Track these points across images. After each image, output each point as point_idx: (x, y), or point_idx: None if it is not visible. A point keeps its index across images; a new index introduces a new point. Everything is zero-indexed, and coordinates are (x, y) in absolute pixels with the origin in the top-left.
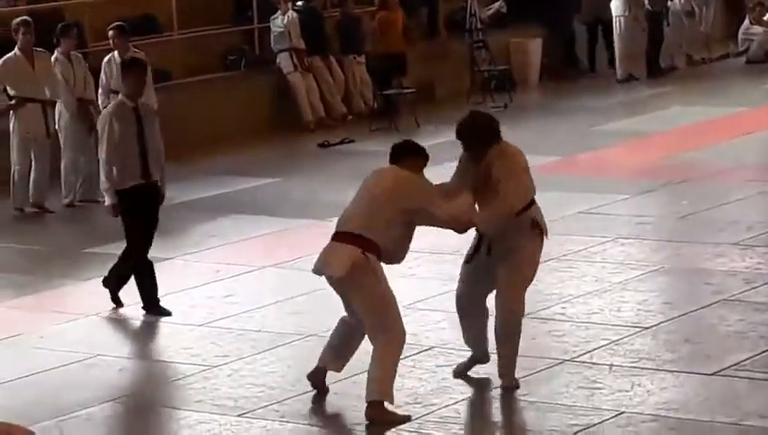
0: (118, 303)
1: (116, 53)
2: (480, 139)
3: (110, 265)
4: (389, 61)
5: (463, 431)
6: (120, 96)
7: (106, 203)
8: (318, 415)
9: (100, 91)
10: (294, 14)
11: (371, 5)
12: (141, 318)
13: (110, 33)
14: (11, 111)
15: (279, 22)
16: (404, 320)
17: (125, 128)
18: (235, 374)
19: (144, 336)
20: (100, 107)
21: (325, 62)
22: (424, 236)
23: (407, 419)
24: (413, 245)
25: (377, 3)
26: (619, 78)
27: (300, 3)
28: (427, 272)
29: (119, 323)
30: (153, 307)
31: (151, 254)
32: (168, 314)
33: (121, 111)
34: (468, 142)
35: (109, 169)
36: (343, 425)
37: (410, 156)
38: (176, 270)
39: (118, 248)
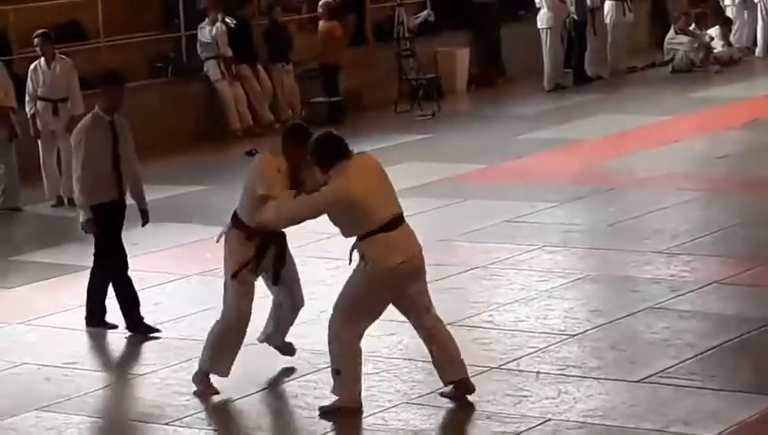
0: (109, 325)
1: (42, 59)
2: (325, 156)
3: (34, 272)
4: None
5: None
6: (96, 109)
7: (81, 219)
8: (242, 423)
9: (27, 98)
10: (222, 25)
11: (299, 14)
12: (67, 327)
13: (36, 40)
14: None
15: (206, 32)
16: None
17: (100, 143)
18: (160, 383)
19: (70, 345)
20: (28, 114)
21: (253, 71)
22: (347, 243)
23: None
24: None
25: (322, 13)
26: (547, 88)
27: (227, 18)
28: None
29: (43, 331)
30: (137, 326)
31: (71, 262)
32: (155, 330)
33: (97, 126)
34: (315, 159)
35: (83, 184)
36: (270, 431)
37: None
38: None
39: (44, 256)
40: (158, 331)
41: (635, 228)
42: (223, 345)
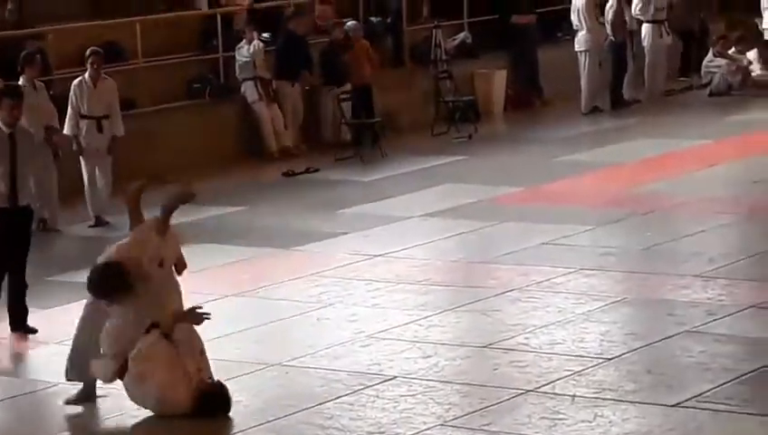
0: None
1: (87, 76)
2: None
3: (70, 293)
4: (360, 93)
5: None
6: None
7: None
8: None
9: (69, 116)
10: (260, 44)
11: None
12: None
13: (90, 57)
14: None
15: (244, 51)
16: (366, 350)
17: None
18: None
19: None
20: (70, 132)
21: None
22: (386, 266)
23: None
24: (373, 275)
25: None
26: (584, 111)
27: (264, 34)
28: (390, 302)
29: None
30: (19, 326)
31: None
32: (34, 331)
33: None
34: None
35: None
36: None
37: None
38: None
39: (82, 277)
40: (35, 331)
41: (672, 252)
42: None
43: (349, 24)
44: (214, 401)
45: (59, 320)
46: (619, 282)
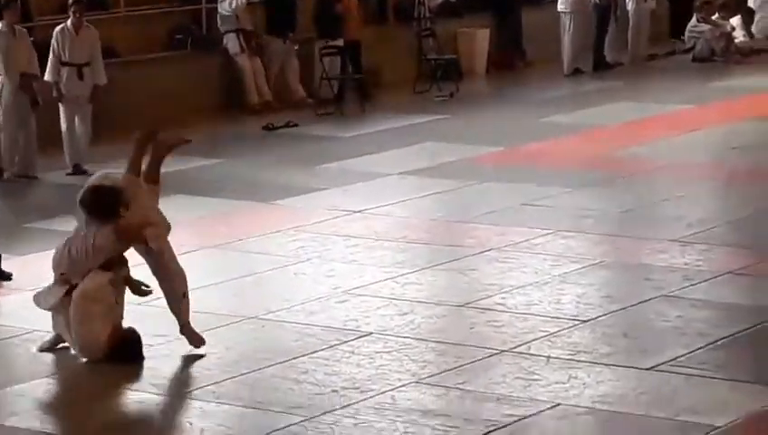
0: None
1: (69, 23)
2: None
3: (46, 240)
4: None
5: (400, 418)
6: None
7: None
8: (254, 397)
9: (50, 63)
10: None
11: None
12: None
13: (73, 5)
14: None
15: (226, 5)
16: (343, 305)
17: None
18: (172, 354)
19: None
20: (51, 79)
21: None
22: (365, 222)
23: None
24: (352, 231)
25: None
26: (566, 72)
27: None
28: (367, 259)
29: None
30: None
31: None
32: (8, 277)
33: None
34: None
35: None
36: (279, 406)
37: None
38: None
39: (59, 224)
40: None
41: (650, 216)
42: None
43: None
44: (126, 348)
45: (35, 266)
46: (597, 244)
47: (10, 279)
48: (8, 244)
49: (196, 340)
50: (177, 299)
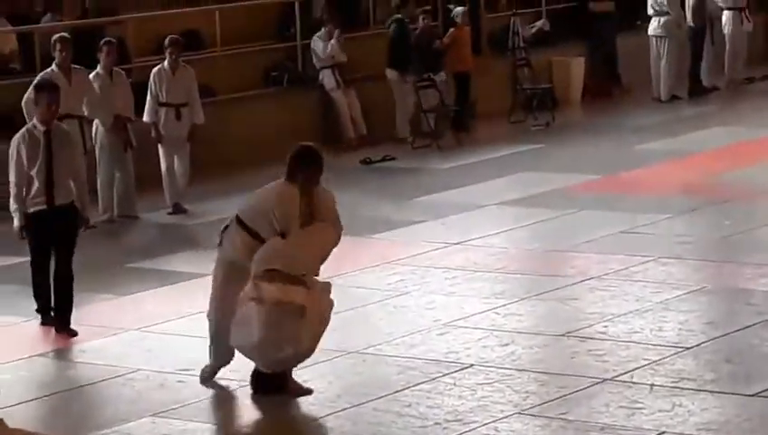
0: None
1: (166, 64)
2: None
3: (150, 279)
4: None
5: None
6: (34, 120)
7: (15, 225)
8: (357, 431)
9: (148, 104)
10: (336, 43)
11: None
12: (183, 333)
13: (169, 47)
14: None
15: (320, 47)
16: (443, 338)
17: (31, 152)
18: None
19: (186, 351)
20: (149, 119)
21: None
22: (463, 254)
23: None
24: (450, 262)
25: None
26: (663, 99)
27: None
28: (467, 290)
29: (159, 338)
30: (62, 325)
31: (192, 269)
32: (75, 334)
33: (30, 136)
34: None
35: (18, 191)
36: None
37: None
38: None
39: (161, 263)
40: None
41: (750, 241)
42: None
43: (457, 9)
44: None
45: (137, 306)
46: (697, 270)
47: (76, 335)
48: (111, 284)
49: (302, 391)
50: None
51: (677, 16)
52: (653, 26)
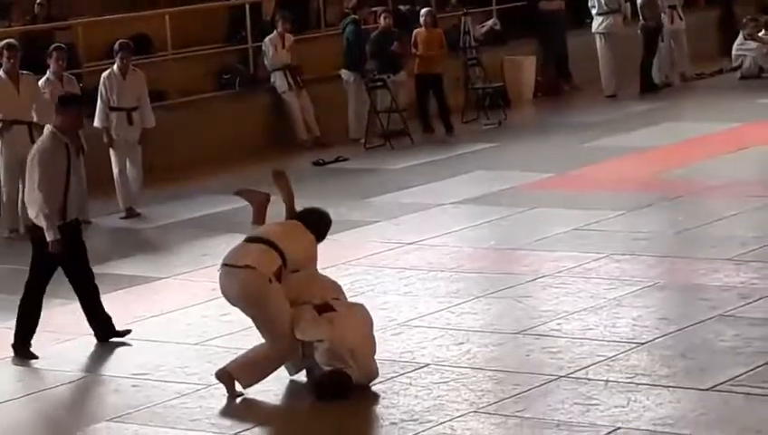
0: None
1: (116, 68)
2: None
3: (104, 284)
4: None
5: None
6: (51, 128)
7: (49, 238)
8: (313, 429)
9: (98, 108)
10: (290, 42)
11: None
12: (137, 338)
13: (119, 52)
14: None
15: (271, 50)
16: (399, 338)
17: (57, 164)
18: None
19: (139, 356)
20: (100, 124)
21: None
22: (418, 253)
23: None
24: (405, 262)
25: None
26: (606, 94)
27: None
28: (421, 289)
29: (115, 343)
30: (109, 334)
31: (146, 273)
32: (126, 332)
33: (57, 146)
34: None
35: (47, 202)
36: None
37: None
38: (170, 290)
39: (114, 268)
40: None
41: (703, 236)
42: None
43: (423, 10)
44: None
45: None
46: (651, 266)
47: (129, 333)
48: (65, 289)
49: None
50: None
51: (612, 14)
52: (594, 24)
